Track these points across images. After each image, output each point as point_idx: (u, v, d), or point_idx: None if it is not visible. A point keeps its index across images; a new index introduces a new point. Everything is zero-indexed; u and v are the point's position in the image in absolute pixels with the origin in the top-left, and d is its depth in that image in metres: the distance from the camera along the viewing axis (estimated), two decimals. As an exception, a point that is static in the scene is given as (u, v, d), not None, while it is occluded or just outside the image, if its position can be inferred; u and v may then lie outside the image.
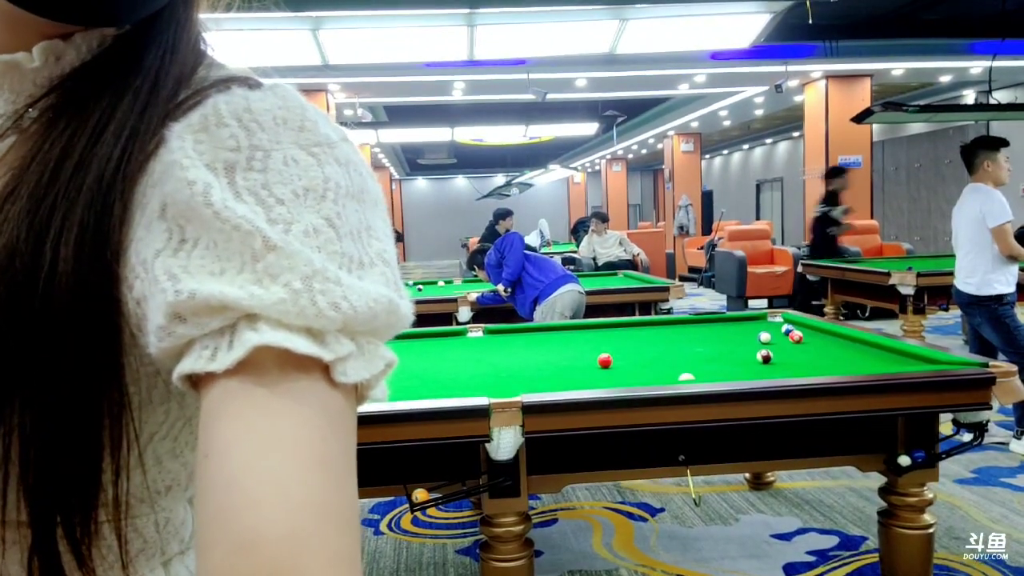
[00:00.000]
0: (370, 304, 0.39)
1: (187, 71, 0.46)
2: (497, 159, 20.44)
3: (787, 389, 2.08)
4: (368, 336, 0.40)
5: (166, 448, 0.44)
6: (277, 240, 0.37)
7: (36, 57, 0.45)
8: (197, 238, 0.38)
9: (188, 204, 0.38)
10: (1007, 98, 10.35)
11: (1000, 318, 4.01)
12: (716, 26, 6.59)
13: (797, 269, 8.13)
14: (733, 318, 3.67)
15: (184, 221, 0.38)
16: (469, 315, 4.64)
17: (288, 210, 0.39)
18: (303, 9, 5.82)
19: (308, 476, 0.34)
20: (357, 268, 0.40)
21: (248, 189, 0.39)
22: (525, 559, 2.12)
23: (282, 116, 0.41)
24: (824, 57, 8.50)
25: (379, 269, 0.41)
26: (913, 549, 2.26)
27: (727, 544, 3.06)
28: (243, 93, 0.41)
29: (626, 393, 2.07)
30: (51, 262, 0.38)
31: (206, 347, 0.37)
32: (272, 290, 0.37)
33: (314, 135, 0.41)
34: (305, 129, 0.41)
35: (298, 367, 0.37)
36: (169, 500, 0.46)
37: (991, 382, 2.09)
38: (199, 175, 0.38)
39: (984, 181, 4.10)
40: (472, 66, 7.74)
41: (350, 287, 0.38)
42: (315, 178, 0.40)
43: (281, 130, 0.40)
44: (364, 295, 0.39)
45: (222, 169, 0.39)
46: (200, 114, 0.40)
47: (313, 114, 0.42)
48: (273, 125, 0.40)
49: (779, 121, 14.43)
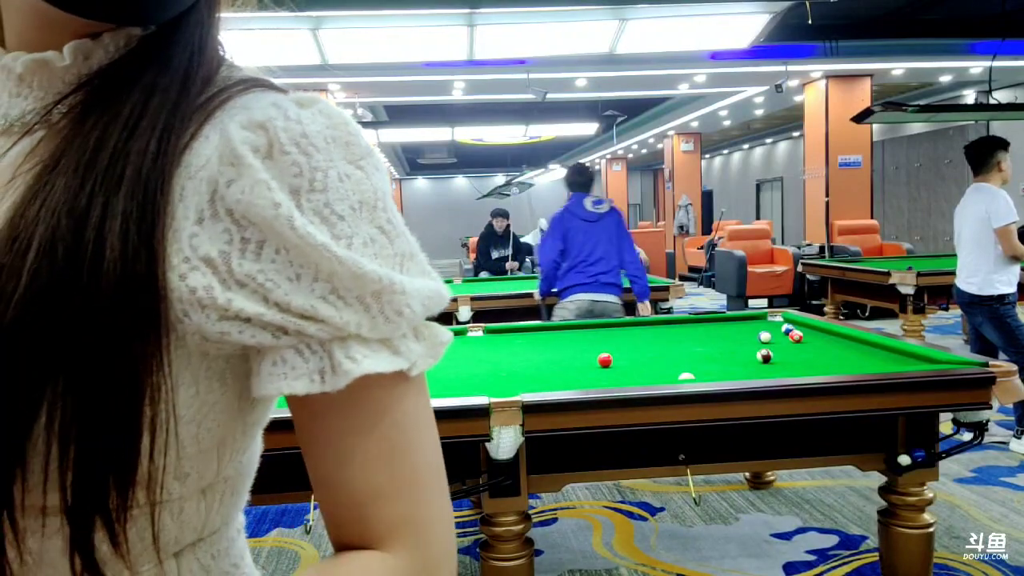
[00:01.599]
0: (425, 302, 0.45)
1: (213, 71, 0.49)
2: (497, 159, 20.44)
3: (787, 389, 2.08)
4: (426, 325, 0.47)
5: (189, 433, 0.44)
6: (344, 256, 0.42)
7: (67, 56, 0.46)
8: (262, 240, 0.42)
9: (271, 224, 0.42)
10: (1007, 98, 10.35)
11: (1002, 318, 4.01)
12: (716, 26, 6.59)
13: (797, 269, 8.13)
14: (733, 318, 3.67)
15: (248, 223, 0.42)
16: (469, 315, 4.65)
17: (348, 225, 0.44)
18: (303, 9, 5.82)
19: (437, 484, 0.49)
20: (409, 263, 0.46)
21: (313, 210, 0.43)
22: (525, 558, 2.12)
23: (331, 135, 0.45)
24: (824, 57, 8.50)
25: (419, 259, 0.47)
26: (913, 548, 2.26)
27: (727, 543, 3.06)
28: (296, 114, 0.44)
29: (626, 393, 2.07)
30: (96, 249, 0.40)
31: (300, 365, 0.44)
32: (352, 308, 0.43)
33: (359, 148, 0.45)
34: (351, 144, 0.45)
35: (388, 380, 0.45)
36: (187, 488, 0.46)
37: (991, 381, 2.09)
38: (283, 199, 0.42)
39: (992, 180, 4.10)
40: (472, 66, 7.74)
41: (409, 291, 0.44)
42: (366, 191, 0.45)
43: (332, 148, 0.44)
44: (419, 295, 0.45)
45: (290, 193, 0.43)
46: (264, 140, 0.43)
47: (354, 127, 0.46)
48: (325, 145, 0.44)
49: (779, 121, 14.43)
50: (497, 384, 2.31)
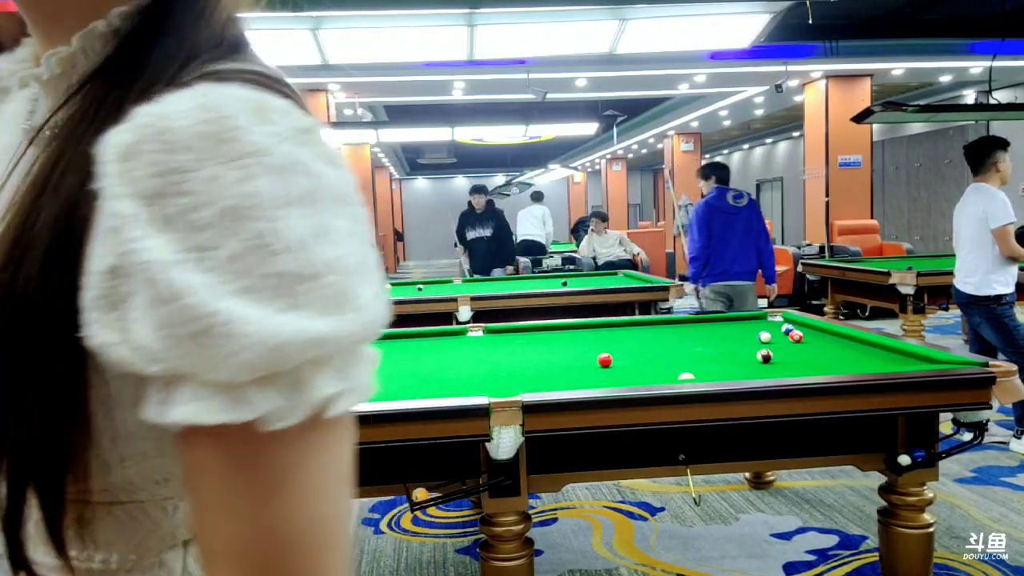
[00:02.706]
0: (276, 347, 0.36)
1: (180, 72, 0.44)
2: (497, 159, 20.44)
3: (787, 389, 2.08)
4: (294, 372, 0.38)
5: (149, 447, 0.44)
6: (174, 280, 0.36)
7: (45, 69, 0.47)
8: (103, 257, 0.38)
9: (108, 237, 0.37)
10: (1007, 98, 10.35)
11: (999, 318, 4.01)
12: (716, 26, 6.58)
13: (797, 269, 8.13)
14: (733, 318, 3.67)
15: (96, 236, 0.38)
16: (469, 314, 4.64)
17: (210, 236, 0.36)
18: (303, 9, 5.82)
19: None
20: (295, 287, 0.37)
21: (164, 218, 0.36)
22: (525, 558, 2.12)
23: (206, 131, 0.37)
24: (824, 57, 8.50)
25: (326, 281, 0.38)
26: (913, 548, 2.26)
27: (727, 543, 3.06)
28: (172, 110, 0.38)
29: (626, 393, 2.07)
30: (22, 280, 0.39)
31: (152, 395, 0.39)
32: (182, 345, 0.36)
33: (240, 146, 0.37)
34: (232, 141, 0.37)
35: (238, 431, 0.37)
36: (170, 490, 0.47)
37: (991, 381, 2.09)
38: (124, 207, 0.37)
39: (991, 180, 4.10)
40: (472, 66, 7.74)
41: (246, 333, 0.36)
42: (238, 195, 0.37)
43: (205, 146, 0.37)
44: (265, 337, 0.36)
45: (141, 198, 0.36)
46: (130, 138, 0.38)
47: (244, 120, 0.38)
48: (197, 143, 0.37)
49: (779, 121, 14.43)
50: (497, 384, 2.31)
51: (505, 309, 4.61)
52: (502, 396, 1.98)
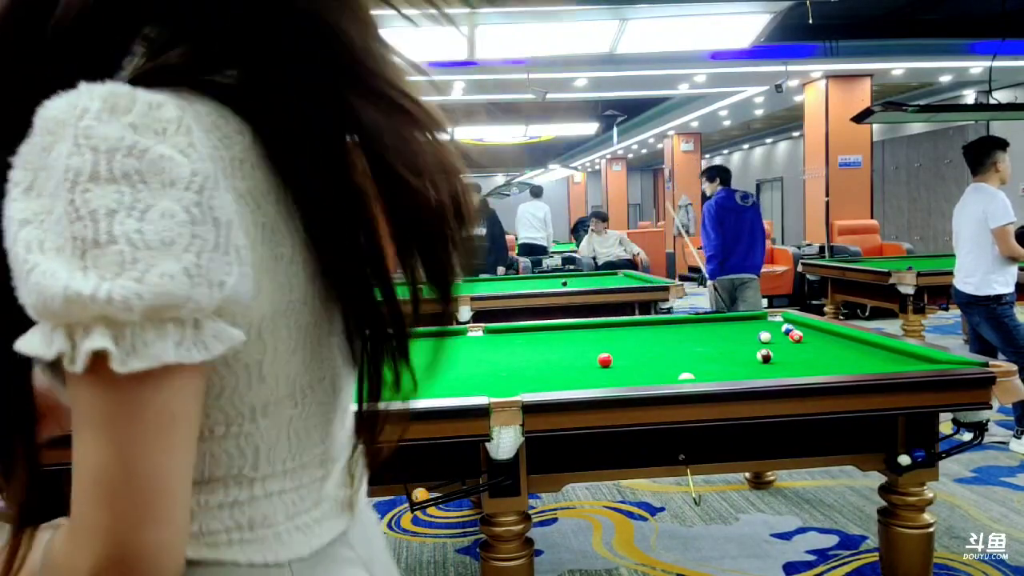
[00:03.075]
0: (38, 293, 0.43)
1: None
2: (497, 159, 20.43)
3: (787, 389, 2.08)
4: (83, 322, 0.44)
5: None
6: (15, 235, 0.45)
7: None
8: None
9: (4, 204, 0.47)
10: (1007, 98, 10.35)
11: (999, 318, 4.01)
12: (716, 26, 6.58)
13: (797, 269, 8.13)
14: (733, 318, 3.67)
15: None
16: (469, 314, 4.64)
17: (49, 199, 0.44)
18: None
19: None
20: (91, 249, 0.43)
21: (29, 185, 0.45)
22: (525, 558, 2.12)
23: (64, 117, 0.45)
24: (824, 57, 8.50)
25: (114, 248, 0.43)
26: (913, 548, 2.26)
27: (727, 543, 3.06)
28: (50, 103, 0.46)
29: (626, 393, 2.07)
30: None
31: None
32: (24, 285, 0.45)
33: (76, 129, 0.44)
34: (72, 125, 0.45)
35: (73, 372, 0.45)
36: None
37: (991, 381, 2.09)
38: (17, 175, 0.46)
39: (990, 180, 4.10)
40: (472, 66, 7.74)
41: (31, 278, 0.44)
42: (67, 168, 0.44)
43: (60, 129, 0.45)
44: (36, 284, 0.43)
45: (25, 169, 0.46)
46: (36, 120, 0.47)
47: (93, 109, 0.45)
48: (55, 127, 0.45)
49: (779, 121, 14.43)
50: (497, 384, 2.31)
51: (505, 309, 4.61)
52: (502, 396, 1.98)
